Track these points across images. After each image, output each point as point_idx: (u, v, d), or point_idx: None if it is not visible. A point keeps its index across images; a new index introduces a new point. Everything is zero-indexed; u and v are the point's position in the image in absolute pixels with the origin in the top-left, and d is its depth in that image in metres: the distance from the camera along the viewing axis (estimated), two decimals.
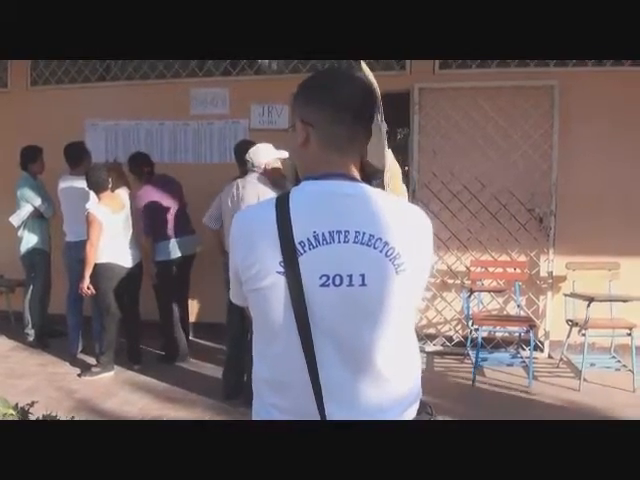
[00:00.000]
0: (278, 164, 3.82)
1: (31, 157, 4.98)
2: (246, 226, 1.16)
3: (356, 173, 1.18)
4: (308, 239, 1.09)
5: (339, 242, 1.10)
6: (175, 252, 4.65)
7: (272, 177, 3.80)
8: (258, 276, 1.11)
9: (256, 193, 3.66)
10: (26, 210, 4.93)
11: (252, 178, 3.78)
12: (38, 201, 4.94)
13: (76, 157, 4.80)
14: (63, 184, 4.80)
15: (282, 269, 1.09)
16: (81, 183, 4.48)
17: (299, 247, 1.09)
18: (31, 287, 5.10)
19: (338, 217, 1.11)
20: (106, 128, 5.48)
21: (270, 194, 3.65)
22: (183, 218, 4.75)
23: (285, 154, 3.84)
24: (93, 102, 5.46)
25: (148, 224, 4.56)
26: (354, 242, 1.10)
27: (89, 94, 5.48)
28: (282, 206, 1.12)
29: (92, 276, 4.27)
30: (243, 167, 4.12)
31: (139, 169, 4.71)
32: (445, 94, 4.80)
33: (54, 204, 4.99)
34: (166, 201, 4.66)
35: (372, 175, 2.93)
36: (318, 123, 1.15)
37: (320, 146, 1.16)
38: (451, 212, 4.81)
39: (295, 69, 5.09)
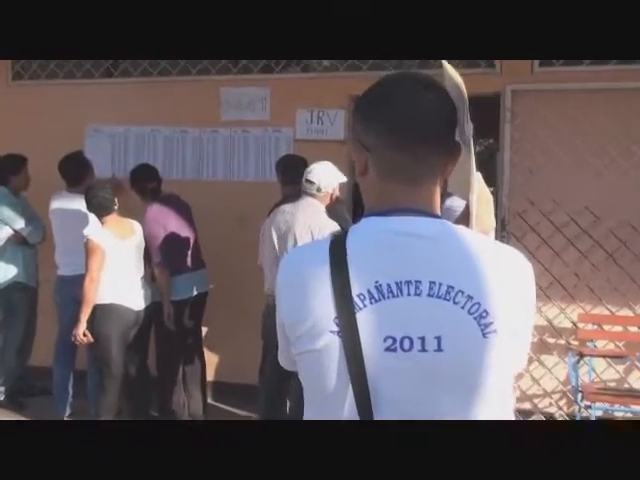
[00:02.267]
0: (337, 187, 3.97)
1: (12, 169, 5.01)
2: (295, 273, 1.19)
3: (433, 206, 1.19)
4: (369, 291, 1.11)
5: (408, 295, 1.10)
6: (191, 289, 4.70)
7: (329, 205, 3.89)
8: (309, 336, 1.13)
9: (308, 223, 3.73)
10: (3, 234, 4.96)
11: (306, 204, 3.82)
12: (20, 223, 4.97)
13: (76, 174, 4.84)
14: (56, 203, 4.84)
15: (337, 328, 1.11)
16: (79, 202, 4.52)
17: (357, 301, 1.10)
18: (7, 331, 5.08)
19: (408, 264, 1.12)
20: (113, 135, 5.54)
21: (326, 224, 3.76)
22: (196, 248, 4.82)
23: (342, 177, 4.01)
24: (97, 102, 5.50)
25: (164, 254, 4.58)
26: (428, 295, 1.10)
27: (92, 93, 5.53)
28: (337, 249, 1.14)
29: (90, 320, 4.25)
30: (287, 188, 4.14)
31: (141, 185, 4.76)
32: (546, 98, 4.75)
33: (44, 227, 5.02)
34: (182, 227, 4.73)
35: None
36: (375, 148, 1.17)
37: (380, 176, 1.18)
38: (553, 251, 4.72)
39: (353, 66, 5.09)
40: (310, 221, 3.74)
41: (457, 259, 1.13)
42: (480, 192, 2.72)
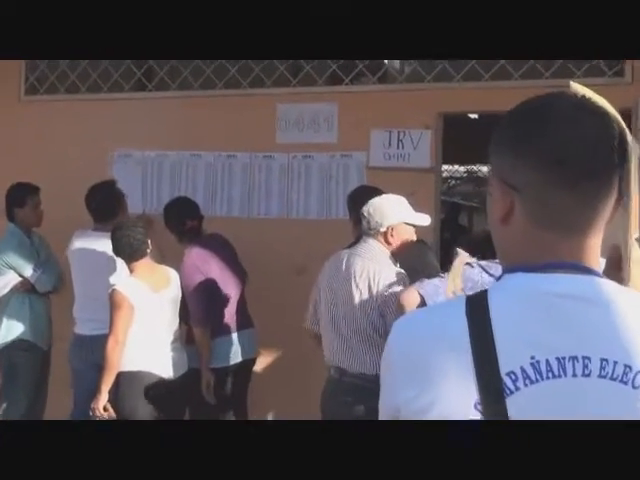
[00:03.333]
0: (412, 231, 3.88)
1: (19, 200, 5.05)
2: (415, 344, 1.17)
3: (595, 262, 1.18)
4: (523, 369, 1.09)
5: (574, 375, 1.08)
6: (235, 354, 4.72)
7: (400, 249, 3.84)
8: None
9: (367, 273, 3.71)
10: (6, 280, 5.00)
11: (365, 248, 3.81)
12: (28, 269, 5.01)
13: (106, 208, 4.86)
14: (78, 243, 4.89)
15: (480, 416, 1.08)
16: (105, 243, 4.54)
17: (508, 382, 1.08)
18: (8, 401, 5.08)
19: (572, 335, 1.10)
20: (145, 161, 5.63)
21: (389, 275, 3.75)
22: (243, 303, 4.84)
23: (427, 219, 3.96)
24: (126, 121, 5.63)
25: (205, 310, 4.56)
26: (599, 376, 1.08)
27: (120, 109, 5.67)
28: (478, 314, 1.12)
29: (113, 391, 4.26)
30: (361, 227, 4.10)
31: (178, 223, 4.78)
32: None
33: (61, 274, 5.09)
34: (226, 276, 4.74)
35: None
36: (527, 187, 1.16)
37: (532, 222, 1.17)
38: None
39: (443, 74, 4.96)
40: (368, 268, 3.70)
41: (634, 330, 1.11)
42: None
